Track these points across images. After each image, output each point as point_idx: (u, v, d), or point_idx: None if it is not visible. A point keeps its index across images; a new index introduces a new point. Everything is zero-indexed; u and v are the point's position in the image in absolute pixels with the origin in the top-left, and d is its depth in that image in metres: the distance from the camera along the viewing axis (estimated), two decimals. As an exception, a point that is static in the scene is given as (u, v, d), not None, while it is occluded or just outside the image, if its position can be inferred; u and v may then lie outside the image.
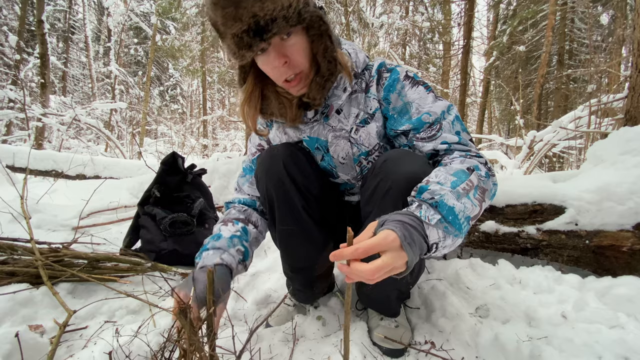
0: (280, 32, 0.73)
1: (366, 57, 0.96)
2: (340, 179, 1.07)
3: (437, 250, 0.68)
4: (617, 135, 1.51)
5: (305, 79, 0.84)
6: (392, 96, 0.90)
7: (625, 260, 1.20)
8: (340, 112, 0.95)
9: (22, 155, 3.66)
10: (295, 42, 0.78)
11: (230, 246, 0.94)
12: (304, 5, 0.73)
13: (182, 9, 7.53)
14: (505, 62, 11.47)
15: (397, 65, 0.93)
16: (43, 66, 6.46)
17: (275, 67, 0.79)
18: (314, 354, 0.96)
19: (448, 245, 0.69)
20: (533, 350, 0.89)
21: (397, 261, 0.59)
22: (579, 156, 4.45)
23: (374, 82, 0.92)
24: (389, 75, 0.91)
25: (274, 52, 0.77)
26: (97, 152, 6.94)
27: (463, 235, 0.71)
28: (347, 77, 0.89)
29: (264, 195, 0.97)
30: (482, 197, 0.74)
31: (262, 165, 0.96)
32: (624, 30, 7.75)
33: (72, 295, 1.28)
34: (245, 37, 0.71)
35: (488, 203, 0.78)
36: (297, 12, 0.71)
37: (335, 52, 0.83)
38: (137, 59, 18.01)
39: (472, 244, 1.54)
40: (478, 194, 0.74)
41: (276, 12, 0.69)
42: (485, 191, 0.76)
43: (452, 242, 0.69)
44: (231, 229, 0.98)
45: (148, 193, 1.81)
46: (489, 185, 0.77)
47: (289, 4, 0.70)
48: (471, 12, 4.79)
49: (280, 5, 0.69)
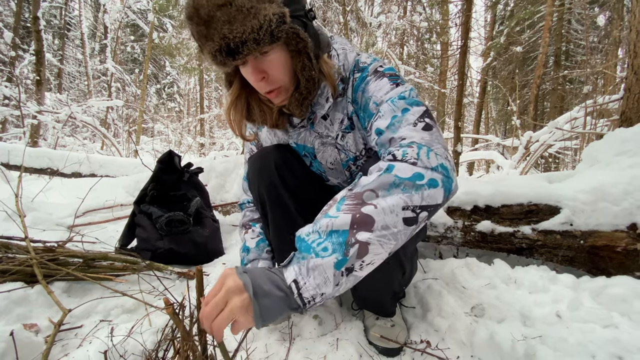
0: (251, 54, 0.71)
1: (357, 56, 0.92)
2: (331, 182, 1.07)
3: (300, 290, 0.57)
4: (612, 136, 1.52)
5: (285, 92, 0.84)
6: (358, 95, 0.87)
7: (620, 260, 1.21)
8: (326, 118, 0.94)
9: (17, 153, 3.63)
10: (274, 59, 0.76)
11: (260, 251, 1.08)
12: (277, 25, 0.69)
13: (180, 6, 7.49)
14: (502, 62, 11.51)
15: (373, 60, 0.88)
16: (38, 63, 6.41)
17: (253, 81, 0.79)
18: (310, 353, 0.97)
19: (315, 282, 0.57)
20: (528, 349, 0.89)
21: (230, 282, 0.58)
22: (575, 157, 4.48)
23: (350, 84, 0.89)
24: (359, 74, 0.87)
25: (251, 68, 0.76)
26: (93, 150, 6.90)
27: (329, 253, 0.57)
28: (331, 87, 0.87)
29: (256, 198, 0.98)
30: (358, 201, 0.61)
31: (253, 167, 0.96)
32: (621, 31, 7.80)
33: (67, 294, 1.27)
34: (218, 55, 0.70)
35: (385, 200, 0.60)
36: (268, 32, 0.69)
37: (314, 70, 0.80)
38: (133, 56, 17.91)
39: (468, 244, 1.55)
40: (346, 202, 0.62)
41: (245, 34, 0.67)
42: (365, 193, 0.61)
43: (318, 271, 0.57)
44: (253, 236, 1.11)
45: (144, 191, 1.80)
46: (385, 179, 0.62)
47: (259, 25, 0.67)
48: (469, 12, 4.80)
49: (250, 28, 0.67)
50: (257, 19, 0.67)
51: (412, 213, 0.60)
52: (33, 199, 2.17)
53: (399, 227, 0.59)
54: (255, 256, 1.08)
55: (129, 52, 17.47)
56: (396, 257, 0.90)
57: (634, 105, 1.77)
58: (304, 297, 0.58)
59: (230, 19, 0.66)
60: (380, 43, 10.30)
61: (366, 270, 0.60)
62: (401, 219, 0.59)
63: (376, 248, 0.59)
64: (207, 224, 1.80)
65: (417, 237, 0.94)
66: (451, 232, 1.55)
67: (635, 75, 1.77)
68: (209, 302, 0.57)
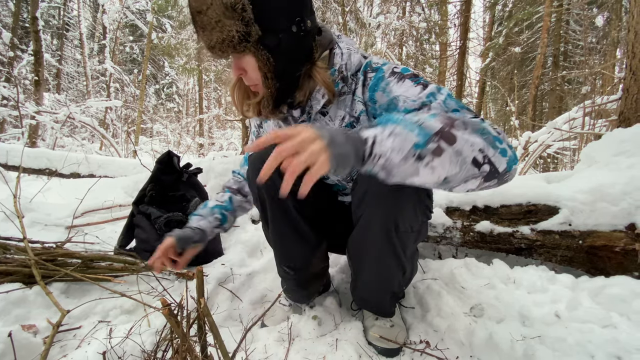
0: (223, 57, 0.82)
1: (362, 58, 0.92)
2: (330, 180, 1.07)
3: (377, 142, 0.61)
4: (610, 136, 1.53)
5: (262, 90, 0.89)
6: (377, 94, 0.87)
7: (618, 260, 1.21)
8: (325, 114, 0.94)
9: (16, 154, 3.62)
10: (249, 61, 0.83)
11: (209, 215, 1.15)
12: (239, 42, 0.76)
13: (178, 6, 7.49)
14: (501, 63, 11.54)
15: (385, 63, 0.89)
16: (37, 63, 6.40)
17: (234, 76, 0.89)
18: (309, 354, 0.96)
19: (393, 133, 0.61)
20: (527, 349, 0.90)
21: (296, 131, 0.60)
22: (573, 157, 4.49)
23: (360, 84, 0.90)
24: (374, 74, 0.88)
25: (233, 64, 0.86)
26: (91, 150, 6.89)
27: (412, 129, 0.61)
28: (326, 90, 0.88)
29: (255, 196, 0.98)
30: (450, 122, 0.64)
31: (252, 165, 0.96)
32: (619, 32, 7.82)
33: (65, 295, 1.27)
34: (205, 49, 0.83)
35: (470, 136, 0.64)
36: (231, 46, 0.77)
37: (270, 89, 0.85)
38: (132, 56, 17.88)
39: (467, 244, 1.55)
40: (439, 117, 0.65)
41: (213, 42, 0.78)
42: (457, 120, 0.65)
43: (394, 131, 0.61)
44: (219, 198, 1.20)
45: (143, 192, 1.80)
46: (476, 122, 0.67)
47: (222, 39, 0.76)
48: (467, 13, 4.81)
49: (216, 39, 0.77)
50: (222, 32, 0.76)
51: (482, 158, 0.64)
52: (31, 199, 2.17)
53: (467, 161, 0.63)
54: (204, 214, 1.16)
55: (127, 53, 17.45)
56: (397, 257, 0.90)
57: (632, 105, 1.78)
58: (374, 151, 0.61)
59: (204, 25, 0.77)
60: (379, 43, 10.31)
61: (427, 172, 0.62)
62: (473, 156, 0.63)
63: (445, 160, 0.62)
64: (206, 225, 1.80)
65: (418, 237, 0.94)
66: (450, 232, 1.55)
67: (634, 76, 1.77)
68: (282, 150, 0.60)
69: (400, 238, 0.86)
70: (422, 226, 0.92)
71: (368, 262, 0.95)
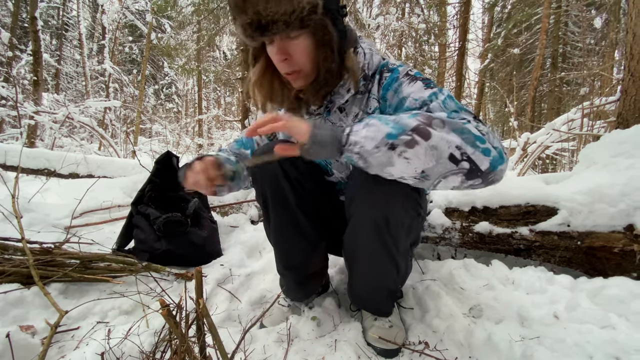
0: (279, 34, 0.76)
1: (382, 60, 0.95)
2: (334, 176, 1.07)
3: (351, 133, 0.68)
4: (609, 137, 1.53)
5: (305, 77, 0.87)
6: (389, 94, 0.90)
7: (617, 261, 1.21)
8: (342, 110, 0.96)
9: (14, 154, 3.61)
10: (300, 43, 0.80)
11: (232, 156, 1.06)
12: (308, 13, 0.75)
13: (178, 7, 7.48)
14: (499, 64, 11.56)
15: (400, 65, 0.92)
16: (36, 63, 6.38)
17: (276, 61, 0.83)
18: (308, 355, 0.96)
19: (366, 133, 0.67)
20: (525, 350, 0.90)
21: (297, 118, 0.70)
22: (572, 158, 4.50)
23: (376, 82, 0.93)
24: (389, 74, 0.91)
25: (276, 48, 0.81)
26: (90, 150, 6.87)
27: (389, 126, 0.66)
28: (353, 81, 0.90)
29: (258, 192, 0.98)
30: (427, 121, 0.67)
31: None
32: (617, 33, 7.85)
33: (63, 295, 1.26)
34: (248, 29, 0.76)
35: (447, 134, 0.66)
36: (299, 19, 0.74)
37: (334, 63, 0.84)
38: (131, 57, 17.86)
39: (466, 245, 1.55)
40: (418, 117, 0.68)
41: (278, 15, 0.72)
42: (435, 120, 0.67)
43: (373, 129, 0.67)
44: (228, 154, 1.08)
45: (142, 192, 1.80)
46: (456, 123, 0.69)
47: (292, 10, 0.73)
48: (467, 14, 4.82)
49: (283, 10, 0.72)
50: (291, 3, 0.72)
51: (459, 154, 0.66)
52: (30, 199, 2.16)
53: (444, 156, 0.66)
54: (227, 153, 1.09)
55: (127, 53, 17.43)
56: (389, 253, 0.90)
57: (631, 107, 1.78)
58: (350, 139, 0.68)
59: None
60: (378, 44, 10.31)
61: (401, 162, 0.66)
62: (449, 152, 0.66)
63: (419, 152, 0.65)
64: (205, 225, 1.79)
65: (410, 232, 0.94)
66: (449, 233, 1.55)
67: (632, 77, 1.78)
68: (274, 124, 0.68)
69: (392, 234, 0.86)
70: (413, 221, 0.92)
71: (361, 260, 0.96)
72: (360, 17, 8.96)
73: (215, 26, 6.63)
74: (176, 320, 0.67)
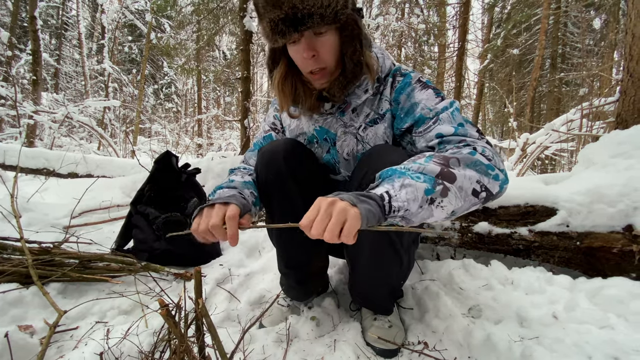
0: (313, 28, 0.77)
1: (393, 64, 0.99)
2: (341, 175, 1.08)
3: (393, 197, 0.64)
4: (608, 138, 1.53)
5: (329, 75, 0.89)
6: (402, 97, 0.93)
7: (616, 261, 1.21)
8: (355, 110, 0.98)
9: (13, 153, 3.60)
10: (327, 40, 0.82)
11: (244, 188, 0.93)
12: (342, 7, 0.77)
13: (178, 7, 7.47)
14: (499, 65, 11.58)
15: (412, 71, 0.96)
16: (35, 63, 6.37)
17: (304, 58, 0.84)
18: (307, 355, 0.96)
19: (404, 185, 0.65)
20: (524, 350, 0.90)
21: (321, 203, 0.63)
22: (571, 159, 4.51)
23: (388, 85, 0.96)
24: (402, 79, 0.95)
25: (304, 44, 0.81)
26: (89, 150, 6.86)
27: (415, 175, 0.67)
28: (371, 80, 0.92)
29: (262, 188, 0.98)
30: (445, 162, 0.70)
31: (262, 158, 0.97)
32: (616, 34, 7.87)
33: (62, 295, 1.26)
34: (280, 24, 0.76)
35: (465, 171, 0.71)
36: (334, 12, 0.76)
37: (363, 56, 0.87)
38: (131, 56, 17.85)
39: (466, 245, 1.55)
40: (434, 159, 0.71)
41: (315, 8, 0.74)
42: (451, 159, 0.71)
43: (404, 183, 0.65)
44: (244, 177, 0.99)
45: (141, 192, 1.80)
46: (462, 155, 0.73)
47: (328, 3, 0.75)
48: (466, 15, 4.83)
49: (320, 3, 0.74)
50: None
51: (479, 188, 0.71)
52: (29, 199, 2.16)
53: (469, 193, 0.70)
54: (238, 185, 0.92)
55: (126, 53, 17.42)
56: (393, 246, 0.90)
57: (630, 107, 1.78)
58: (393, 206, 0.65)
59: None
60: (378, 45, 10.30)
61: (439, 211, 0.69)
62: (472, 188, 0.71)
63: (451, 197, 0.68)
64: (205, 225, 1.79)
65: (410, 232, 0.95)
66: (449, 233, 1.55)
67: (631, 78, 1.78)
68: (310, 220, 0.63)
69: None
70: None
71: (365, 255, 0.96)
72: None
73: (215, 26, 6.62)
74: (175, 320, 0.67)
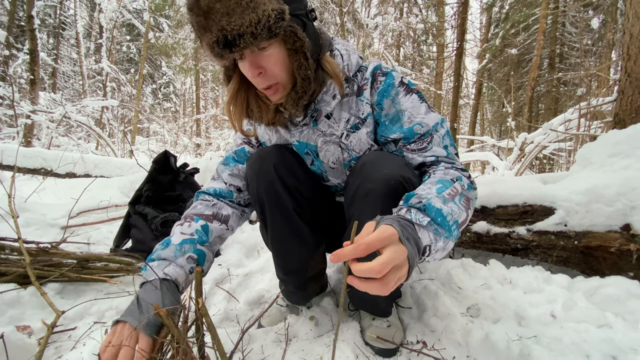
0: (248, 47, 0.71)
1: (359, 59, 0.93)
2: (330, 182, 1.07)
3: (430, 253, 0.67)
4: (605, 138, 1.54)
5: (283, 89, 0.83)
6: (386, 102, 0.89)
7: (613, 260, 1.22)
8: (330, 116, 0.93)
9: (11, 153, 3.59)
10: (271, 54, 0.76)
11: (178, 255, 0.87)
12: (275, 21, 0.70)
13: (176, 6, 7.46)
14: (497, 64, 11.61)
15: (393, 70, 0.91)
16: (33, 62, 6.35)
17: (250, 77, 0.79)
18: (306, 355, 0.96)
19: (440, 248, 0.68)
20: (523, 349, 0.90)
21: (399, 255, 0.54)
22: (569, 158, 4.52)
23: (368, 85, 0.90)
24: (384, 79, 0.89)
25: (248, 63, 0.76)
26: (87, 150, 6.85)
27: (453, 238, 0.71)
28: (337, 84, 0.88)
29: (254, 198, 0.96)
30: (467, 204, 0.77)
31: (252, 167, 0.95)
32: (614, 34, 7.89)
33: (60, 295, 1.26)
34: (215, 47, 0.71)
35: (471, 213, 0.80)
36: (266, 28, 0.69)
37: (310, 69, 0.81)
38: (129, 56, 17.81)
39: (464, 244, 1.55)
40: (463, 201, 0.76)
41: (243, 27, 0.68)
42: (470, 200, 0.79)
43: (443, 245, 0.69)
44: (185, 231, 0.93)
45: (139, 192, 1.79)
46: (472, 195, 0.81)
47: (257, 20, 0.68)
48: (464, 14, 4.83)
49: (248, 22, 0.67)
50: (255, 13, 0.68)
51: (472, 212, 0.81)
52: (26, 199, 2.15)
53: (467, 221, 0.78)
54: (169, 256, 0.86)
55: (124, 52, 17.37)
56: None
57: (627, 107, 1.79)
58: (428, 257, 0.67)
59: (229, 11, 0.67)
60: (376, 44, 10.33)
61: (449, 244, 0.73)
62: (470, 216, 0.80)
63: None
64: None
65: None
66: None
67: (629, 78, 1.79)
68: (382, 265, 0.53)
69: None
70: None
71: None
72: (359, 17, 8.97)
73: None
74: (173, 320, 0.67)
